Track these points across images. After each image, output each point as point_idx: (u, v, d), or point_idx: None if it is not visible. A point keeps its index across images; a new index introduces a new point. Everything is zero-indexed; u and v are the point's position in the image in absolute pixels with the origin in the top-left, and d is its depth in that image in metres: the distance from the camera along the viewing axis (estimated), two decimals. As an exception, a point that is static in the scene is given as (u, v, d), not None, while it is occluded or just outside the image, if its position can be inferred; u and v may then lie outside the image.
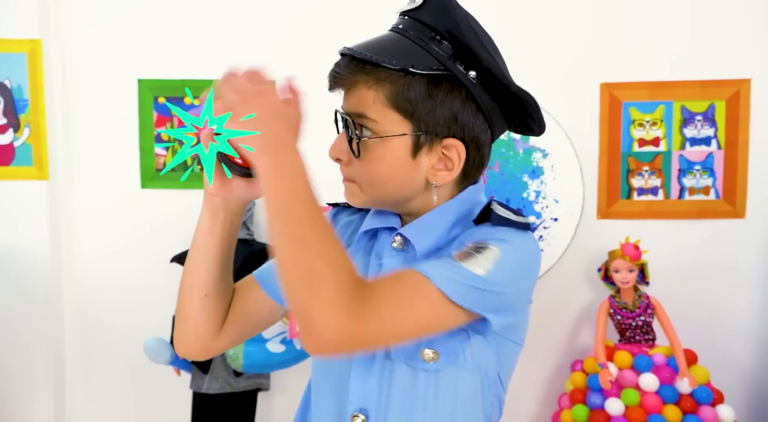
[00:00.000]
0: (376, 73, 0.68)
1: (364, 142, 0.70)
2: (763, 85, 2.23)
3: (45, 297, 2.32)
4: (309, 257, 0.59)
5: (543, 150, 2.29)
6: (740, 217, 2.27)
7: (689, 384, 1.92)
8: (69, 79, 2.33)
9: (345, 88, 0.71)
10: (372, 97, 0.68)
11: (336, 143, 0.72)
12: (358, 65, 0.69)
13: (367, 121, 0.69)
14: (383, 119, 0.69)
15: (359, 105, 0.69)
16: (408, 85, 0.68)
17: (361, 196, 0.74)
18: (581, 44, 2.29)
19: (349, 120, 0.70)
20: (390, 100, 0.68)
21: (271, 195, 0.61)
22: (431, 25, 0.69)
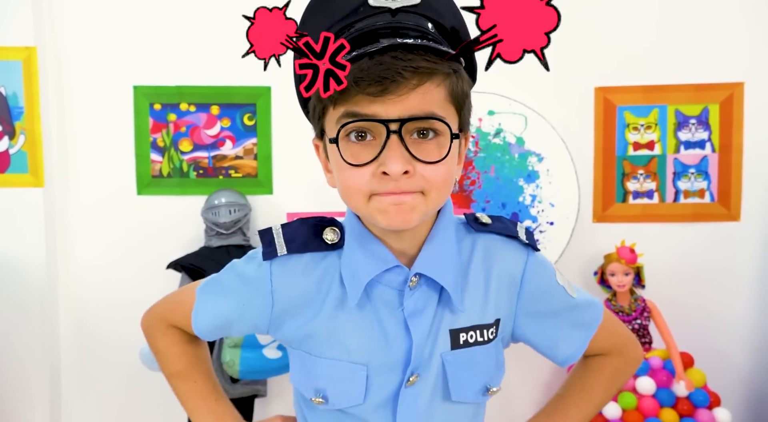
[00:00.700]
0: (450, 66, 0.62)
1: (439, 142, 0.62)
2: (756, 89, 2.24)
3: (40, 304, 2.30)
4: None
5: (538, 154, 2.30)
6: (735, 220, 2.28)
7: (686, 388, 1.92)
8: (64, 87, 2.33)
9: (407, 87, 0.59)
10: (441, 94, 0.62)
11: (397, 153, 0.60)
12: (436, 59, 0.61)
13: (436, 122, 0.61)
14: (449, 117, 0.63)
15: (428, 104, 0.60)
16: (461, 79, 0.65)
17: (425, 212, 0.64)
18: (575, 49, 2.30)
19: (435, 122, 0.61)
20: (451, 95, 0.63)
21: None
22: (438, 22, 0.66)
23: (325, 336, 0.70)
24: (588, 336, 0.78)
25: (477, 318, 0.71)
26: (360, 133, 0.62)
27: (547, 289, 0.76)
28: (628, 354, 0.83)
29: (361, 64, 0.59)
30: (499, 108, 2.28)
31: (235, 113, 2.35)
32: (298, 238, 0.72)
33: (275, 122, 2.35)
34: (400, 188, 0.61)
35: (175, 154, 2.35)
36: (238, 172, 2.36)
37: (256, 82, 2.32)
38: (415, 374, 0.69)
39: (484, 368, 0.72)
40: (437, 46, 0.61)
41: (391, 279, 0.69)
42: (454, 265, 0.70)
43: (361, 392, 0.69)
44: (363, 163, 0.61)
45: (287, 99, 2.32)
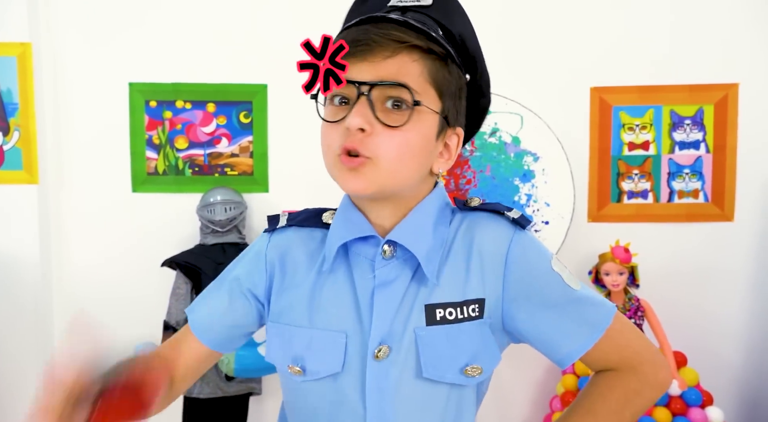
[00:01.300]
0: (427, 45, 0.66)
1: (403, 114, 0.65)
2: (751, 90, 2.26)
3: (34, 302, 2.30)
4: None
5: (534, 153, 2.31)
6: (729, 220, 2.30)
7: (679, 386, 1.94)
8: (59, 83, 2.32)
9: (382, 55, 0.64)
10: (417, 69, 0.65)
11: (359, 110, 0.64)
12: (412, 34, 0.65)
13: (405, 92, 0.65)
14: (423, 93, 0.66)
15: (400, 74, 0.64)
16: (448, 67, 0.68)
17: (375, 179, 0.66)
18: (572, 49, 2.31)
19: (401, 89, 0.64)
20: (431, 75, 0.66)
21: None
22: (446, 25, 0.69)
23: (306, 304, 0.72)
24: (592, 337, 0.70)
25: (456, 295, 0.69)
26: (344, 99, 0.67)
27: (539, 272, 0.71)
28: (645, 375, 0.72)
29: (348, 32, 0.66)
30: (495, 107, 2.28)
31: (231, 111, 2.34)
32: (300, 216, 0.78)
33: (271, 120, 2.34)
34: (353, 143, 0.64)
35: (171, 151, 2.34)
36: (234, 169, 2.36)
37: (253, 80, 2.32)
38: (383, 345, 0.68)
39: (464, 347, 0.69)
40: (420, 26, 0.65)
41: (367, 250, 0.71)
42: (429, 237, 0.70)
43: (339, 360, 0.69)
44: (336, 119, 0.66)
45: (283, 97, 2.32)
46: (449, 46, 0.69)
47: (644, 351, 0.74)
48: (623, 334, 0.72)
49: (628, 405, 0.72)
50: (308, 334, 0.71)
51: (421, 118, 0.66)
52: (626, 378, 0.72)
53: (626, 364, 0.72)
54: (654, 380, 0.72)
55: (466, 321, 0.69)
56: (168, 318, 2.14)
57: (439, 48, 0.67)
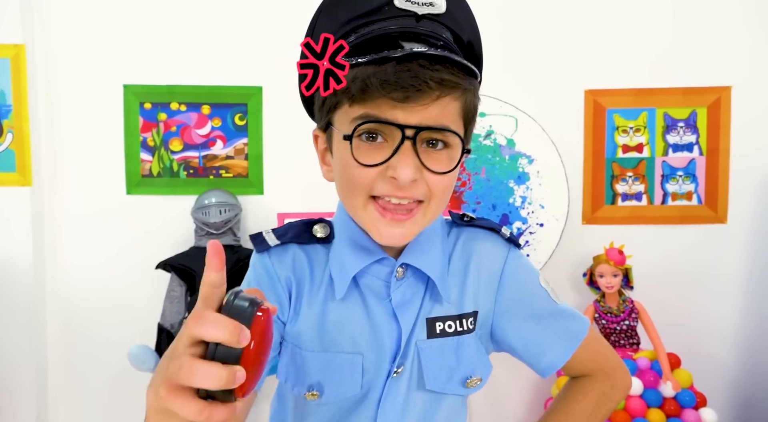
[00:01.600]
0: (470, 83, 0.64)
1: (449, 155, 0.63)
2: (744, 93, 2.27)
3: (27, 304, 2.28)
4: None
5: (529, 156, 2.31)
6: (722, 222, 2.31)
7: (672, 388, 1.94)
8: (53, 85, 2.31)
9: (430, 98, 0.60)
10: (457, 108, 0.63)
11: (408, 160, 0.60)
12: (461, 75, 0.62)
13: (451, 136, 0.62)
14: (459, 130, 0.64)
15: (444, 117, 0.61)
16: (475, 96, 0.66)
17: (418, 226, 0.65)
18: (566, 52, 2.32)
19: (449, 134, 0.62)
20: (464, 110, 0.64)
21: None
22: (457, 32, 0.66)
23: (316, 328, 0.71)
24: (571, 348, 0.76)
25: (455, 308, 0.72)
26: (372, 134, 0.62)
27: (529, 288, 0.75)
28: (615, 379, 0.81)
29: (387, 68, 0.59)
30: (490, 110, 2.29)
31: (226, 113, 2.34)
32: (289, 232, 0.74)
33: (266, 122, 2.34)
34: (404, 193, 0.62)
35: (166, 153, 2.33)
36: (229, 171, 2.35)
37: (248, 82, 2.32)
38: (402, 365, 0.70)
39: (464, 358, 0.72)
40: (460, 60, 0.62)
41: (379, 271, 0.71)
42: (439, 257, 0.71)
43: (358, 382, 0.69)
44: (374, 163, 0.61)
45: (279, 99, 2.32)
46: (462, 56, 0.66)
47: (614, 358, 0.82)
48: (596, 344, 0.79)
49: (600, 407, 0.79)
50: (321, 358, 0.70)
51: (461, 158, 0.65)
52: (599, 383, 0.79)
53: (599, 370, 0.79)
54: (622, 384, 0.81)
55: (465, 333, 0.72)
56: (162, 321, 2.14)
57: (474, 81, 0.65)
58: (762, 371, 2.31)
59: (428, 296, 0.71)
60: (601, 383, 0.79)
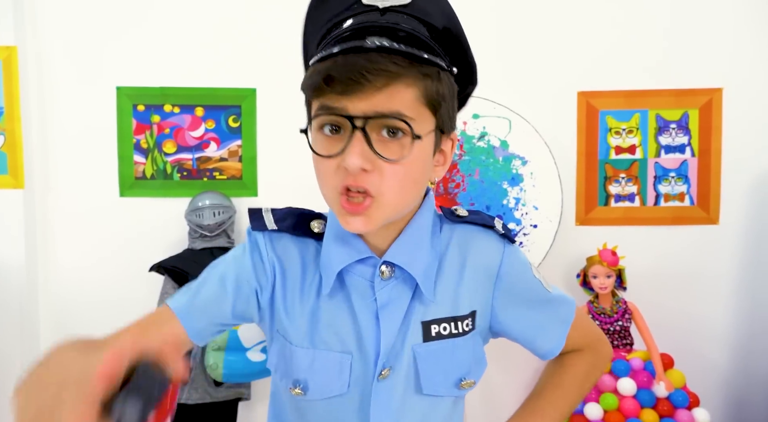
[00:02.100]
0: (419, 70, 0.63)
1: (402, 143, 0.62)
2: (734, 94, 2.29)
3: (20, 307, 2.27)
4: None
5: (522, 157, 2.32)
6: (714, 223, 2.32)
7: (665, 388, 1.95)
8: (45, 87, 2.30)
9: (375, 86, 0.60)
10: (411, 95, 0.62)
11: (357, 150, 0.61)
12: (405, 62, 0.61)
13: (402, 123, 0.62)
14: (419, 117, 0.63)
15: (393, 104, 0.61)
16: (440, 81, 0.65)
17: (379, 216, 0.64)
18: (559, 54, 2.33)
19: (396, 121, 0.62)
20: (425, 96, 0.63)
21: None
22: (429, 21, 0.65)
23: (306, 323, 0.71)
24: (565, 331, 0.80)
25: (450, 310, 0.72)
26: (334, 126, 0.63)
27: (525, 282, 0.77)
28: (600, 351, 0.86)
29: (335, 62, 0.61)
30: (483, 111, 2.30)
31: (219, 115, 2.34)
32: (287, 220, 0.74)
33: (260, 124, 2.34)
34: (356, 182, 0.62)
35: (159, 155, 2.33)
36: (223, 173, 2.35)
37: (241, 84, 2.32)
38: (387, 367, 0.69)
39: (458, 361, 0.72)
40: (411, 51, 0.62)
41: (365, 271, 0.70)
42: (426, 256, 0.71)
43: (345, 381, 0.69)
44: (328, 154, 0.63)
45: (272, 101, 2.32)
46: (438, 44, 0.66)
47: (597, 331, 0.87)
48: (582, 322, 0.83)
49: (588, 377, 0.84)
50: (310, 355, 0.70)
51: (421, 144, 0.64)
52: (586, 356, 0.84)
53: (587, 345, 0.84)
54: (606, 355, 0.87)
55: (460, 336, 0.72)
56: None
57: (431, 67, 0.64)
58: (754, 371, 2.32)
59: (417, 298, 0.71)
60: (588, 355, 0.84)
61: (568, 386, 0.82)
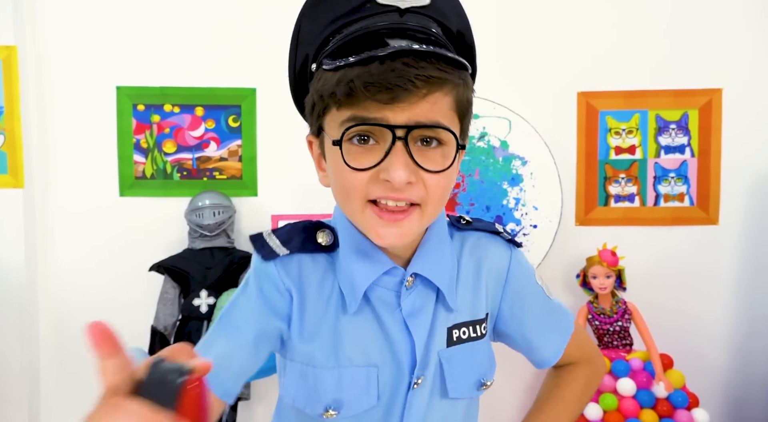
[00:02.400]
0: (459, 75, 0.60)
1: (444, 152, 0.61)
2: (734, 95, 2.29)
3: (20, 306, 2.27)
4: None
5: (522, 158, 2.32)
6: (713, 224, 2.32)
7: (665, 389, 1.95)
8: (45, 86, 2.30)
9: (418, 95, 0.57)
10: (448, 103, 0.60)
11: (402, 162, 0.58)
12: (449, 69, 0.59)
13: (444, 133, 0.60)
14: (453, 126, 0.61)
15: (434, 113, 0.59)
16: (468, 88, 0.63)
17: (416, 227, 0.63)
18: (559, 54, 2.33)
19: (440, 131, 0.60)
20: (457, 104, 0.61)
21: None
22: (446, 25, 0.63)
23: (330, 344, 0.68)
24: (564, 342, 0.81)
25: (469, 315, 0.73)
26: (363, 136, 0.60)
27: (529, 287, 0.79)
28: (596, 364, 0.86)
29: (370, 69, 0.56)
30: (483, 112, 2.30)
31: (219, 115, 2.33)
32: (295, 239, 0.70)
33: (260, 124, 2.34)
34: (400, 195, 0.60)
35: (159, 155, 2.33)
36: (223, 173, 2.35)
37: (241, 84, 2.32)
38: (421, 376, 0.70)
39: (478, 363, 0.74)
40: (447, 54, 0.59)
41: (388, 281, 0.69)
42: (449, 265, 0.71)
43: (374, 394, 0.68)
44: (365, 167, 0.60)
45: (272, 101, 2.32)
46: (453, 47, 0.64)
47: (592, 344, 0.88)
48: (579, 334, 0.84)
49: (587, 391, 0.85)
50: (336, 374, 0.68)
51: (456, 155, 0.62)
52: (585, 369, 0.85)
53: (583, 358, 0.85)
54: (602, 369, 0.88)
55: (479, 339, 0.74)
56: (156, 324, 2.13)
57: (466, 73, 0.62)
58: (754, 371, 2.33)
59: (440, 303, 0.71)
60: (585, 368, 0.85)
61: (568, 400, 0.83)
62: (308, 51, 0.65)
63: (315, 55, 0.64)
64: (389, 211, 0.61)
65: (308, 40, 0.65)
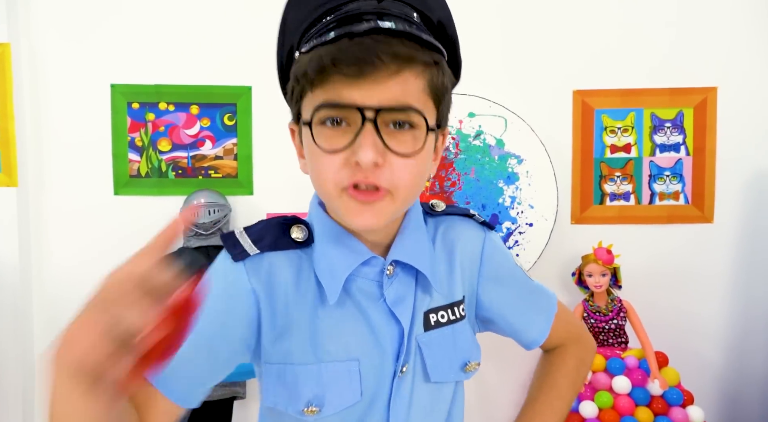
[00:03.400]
0: (430, 55, 0.60)
1: (415, 135, 0.60)
2: (729, 93, 2.30)
3: (14, 306, 2.26)
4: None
5: (518, 156, 2.32)
6: (708, 222, 2.33)
7: (660, 386, 1.96)
8: (39, 84, 2.29)
9: (386, 74, 0.57)
10: (420, 85, 0.60)
11: (369, 142, 0.58)
12: (418, 47, 0.58)
13: (415, 116, 0.59)
14: (426, 109, 0.61)
15: (405, 95, 0.58)
16: (443, 72, 0.63)
17: (391, 211, 0.62)
18: (555, 53, 2.34)
19: (411, 114, 0.59)
20: (430, 87, 0.61)
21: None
22: (425, 13, 0.63)
23: (308, 340, 0.67)
24: (549, 322, 0.81)
25: (445, 298, 0.73)
26: (335, 119, 0.60)
27: (507, 268, 0.79)
28: (585, 342, 0.86)
29: (340, 45, 0.57)
30: (479, 110, 2.30)
31: (215, 113, 2.33)
32: (267, 237, 0.68)
33: (256, 122, 2.33)
34: (368, 178, 0.59)
35: (154, 153, 2.32)
36: (218, 172, 2.34)
37: (237, 82, 2.31)
38: (406, 363, 0.69)
39: (461, 345, 0.73)
40: (420, 34, 0.59)
41: (368, 271, 0.68)
42: (428, 250, 0.72)
43: (357, 389, 0.67)
44: (335, 149, 0.59)
45: (268, 99, 2.31)
46: (432, 36, 0.64)
47: (580, 324, 0.87)
48: (565, 314, 0.84)
49: (578, 374, 0.84)
50: (316, 370, 0.66)
51: (428, 138, 0.62)
52: (574, 350, 0.84)
53: (571, 338, 0.84)
54: (592, 347, 0.87)
55: (458, 321, 0.74)
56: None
57: (438, 55, 0.62)
58: (748, 369, 2.34)
59: (419, 289, 0.71)
60: (575, 349, 0.85)
61: (561, 385, 0.83)
62: (293, 41, 0.66)
63: (298, 43, 0.65)
64: (362, 192, 0.60)
65: (292, 29, 0.66)
